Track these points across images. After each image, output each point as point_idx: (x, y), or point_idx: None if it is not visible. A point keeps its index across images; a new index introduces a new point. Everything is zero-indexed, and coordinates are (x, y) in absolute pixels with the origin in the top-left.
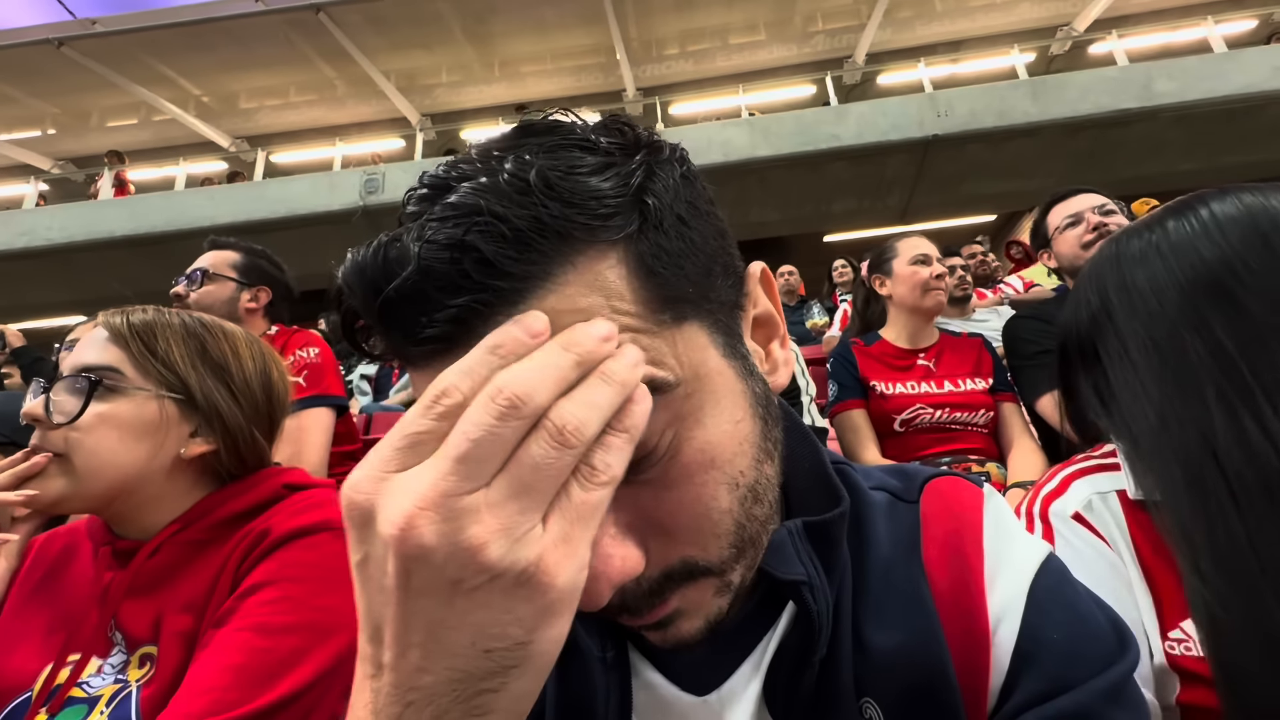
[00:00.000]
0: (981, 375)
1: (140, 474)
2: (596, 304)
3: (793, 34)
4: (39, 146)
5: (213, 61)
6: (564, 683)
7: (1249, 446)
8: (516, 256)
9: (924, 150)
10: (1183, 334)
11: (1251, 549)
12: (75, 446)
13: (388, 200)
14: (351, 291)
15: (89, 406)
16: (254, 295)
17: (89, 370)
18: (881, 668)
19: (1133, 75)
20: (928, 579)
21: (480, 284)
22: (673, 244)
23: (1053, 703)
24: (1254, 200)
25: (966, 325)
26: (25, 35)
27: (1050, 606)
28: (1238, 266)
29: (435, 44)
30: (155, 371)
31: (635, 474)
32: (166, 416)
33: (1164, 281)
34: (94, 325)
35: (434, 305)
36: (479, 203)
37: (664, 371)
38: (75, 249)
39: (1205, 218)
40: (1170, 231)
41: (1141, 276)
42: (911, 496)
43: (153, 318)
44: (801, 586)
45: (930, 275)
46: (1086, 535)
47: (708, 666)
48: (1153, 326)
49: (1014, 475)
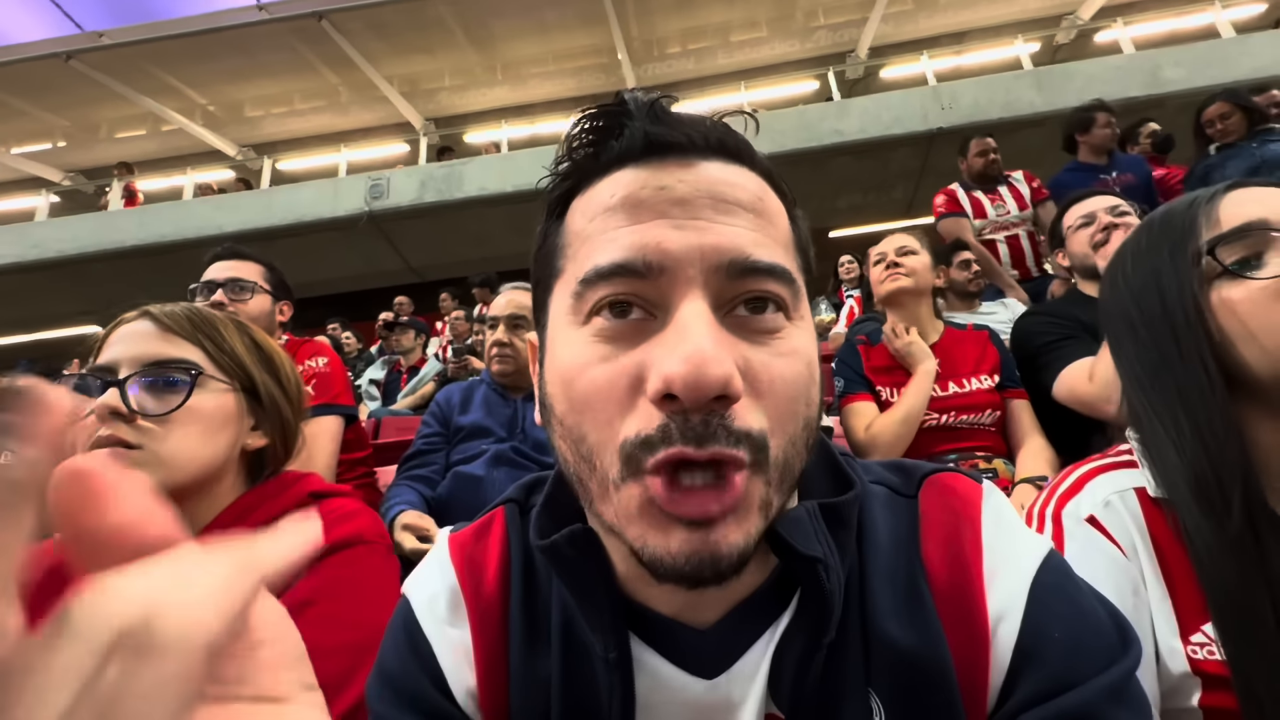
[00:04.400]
0: (987, 371)
1: (218, 466)
2: (773, 199)
3: (794, 30)
4: (49, 159)
5: (218, 71)
6: (568, 683)
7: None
8: (750, 150)
9: (928, 143)
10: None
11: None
12: (160, 439)
13: (393, 205)
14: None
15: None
16: (281, 309)
17: (167, 364)
18: (886, 659)
19: (1139, 63)
20: (926, 574)
21: (734, 138)
22: (802, 232)
23: (1055, 701)
24: (1155, 213)
25: (973, 317)
26: (34, 50)
27: (1052, 603)
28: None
29: (437, 48)
30: (226, 364)
31: (760, 315)
32: (239, 409)
33: (1121, 294)
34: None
35: (689, 122)
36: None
37: (798, 277)
38: (86, 259)
39: (1128, 244)
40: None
41: (1121, 279)
42: (910, 491)
43: (206, 312)
44: (818, 564)
45: (882, 267)
46: (1098, 539)
47: (717, 649)
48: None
49: (1022, 471)
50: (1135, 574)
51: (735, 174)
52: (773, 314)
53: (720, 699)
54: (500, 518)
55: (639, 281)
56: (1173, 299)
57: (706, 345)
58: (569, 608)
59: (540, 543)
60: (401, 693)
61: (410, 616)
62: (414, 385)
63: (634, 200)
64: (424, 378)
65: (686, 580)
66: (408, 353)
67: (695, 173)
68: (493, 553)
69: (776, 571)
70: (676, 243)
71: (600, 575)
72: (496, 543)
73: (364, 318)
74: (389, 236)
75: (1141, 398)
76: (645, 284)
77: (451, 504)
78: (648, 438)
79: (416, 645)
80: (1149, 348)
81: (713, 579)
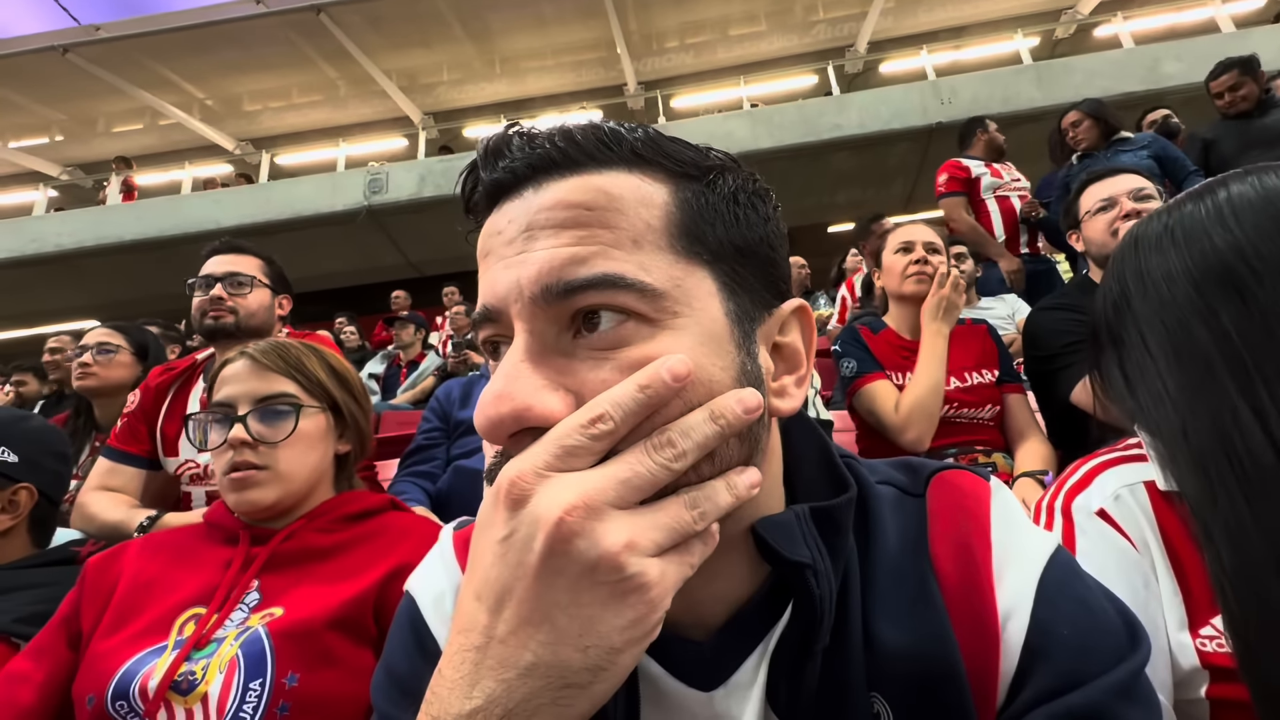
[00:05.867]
0: (988, 366)
1: (321, 472)
2: (628, 190)
3: (793, 24)
4: (47, 153)
5: (216, 64)
6: None
7: (1247, 438)
8: (595, 145)
9: (928, 138)
10: (1191, 322)
11: (1262, 538)
12: (279, 459)
13: (391, 199)
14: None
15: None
16: (281, 302)
17: (273, 398)
18: (889, 662)
19: (1139, 57)
20: (935, 573)
21: (560, 150)
22: (713, 204)
23: (1064, 699)
24: (1275, 182)
25: (971, 312)
26: (31, 43)
27: (1060, 601)
28: (1248, 253)
29: (435, 42)
30: (316, 391)
31: (593, 333)
32: (329, 425)
33: (1176, 269)
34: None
35: (518, 151)
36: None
37: (641, 277)
38: (84, 254)
39: (1220, 201)
40: (1186, 216)
41: (1156, 263)
42: (918, 490)
43: (292, 350)
44: (806, 570)
45: (909, 262)
46: (1109, 532)
47: (714, 661)
48: (1165, 314)
49: (1021, 465)
50: (1146, 567)
51: (564, 189)
52: (615, 326)
53: (719, 711)
54: None
55: (494, 325)
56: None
57: (500, 384)
58: None
59: None
60: (408, 692)
61: (416, 614)
62: (414, 380)
63: (484, 251)
64: (424, 372)
65: None
66: (407, 347)
67: (523, 205)
68: None
69: (770, 579)
70: (502, 284)
71: None
72: None
73: (363, 312)
74: (388, 231)
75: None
76: (499, 325)
77: (453, 498)
78: (490, 467)
79: (423, 643)
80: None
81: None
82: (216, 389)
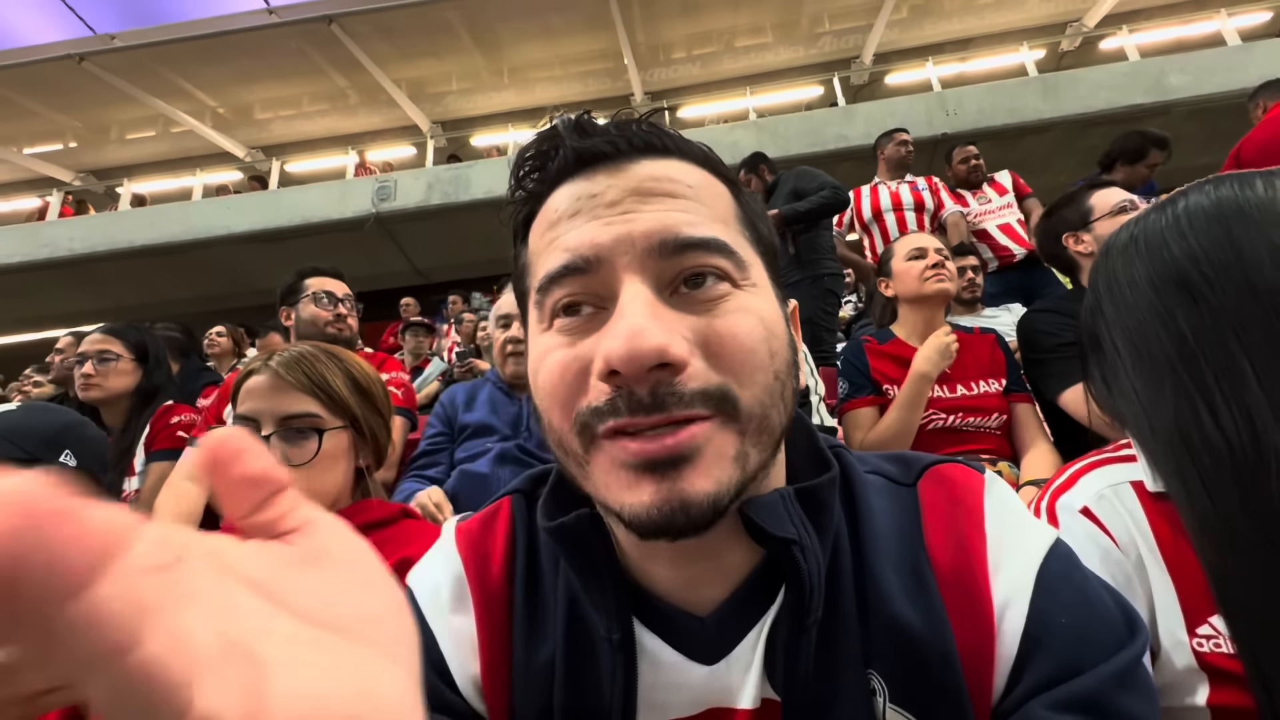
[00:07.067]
0: (995, 375)
1: (340, 491)
2: (708, 182)
3: (800, 36)
4: (61, 159)
5: (228, 73)
6: (571, 669)
7: (1204, 431)
8: (677, 140)
9: (933, 149)
10: (1153, 325)
11: (1221, 526)
12: (304, 480)
13: (400, 207)
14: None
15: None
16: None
17: (296, 418)
18: (884, 640)
19: (1145, 70)
20: (930, 562)
21: (655, 134)
22: (751, 210)
23: (1063, 687)
24: (1228, 192)
25: (978, 321)
26: (47, 52)
27: (1059, 591)
28: (1201, 261)
29: (445, 52)
30: (337, 409)
31: (700, 289)
32: (351, 443)
33: (1139, 275)
34: (254, 370)
35: (613, 130)
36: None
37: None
38: (96, 259)
39: (1179, 211)
40: (1149, 226)
41: (1122, 270)
42: (908, 480)
43: (313, 358)
44: (792, 545)
45: (926, 265)
46: (1092, 529)
47: (716, 636)
48: (1129, 318)
49: (1027, 474)
50: (1128, 567)
51: (663, 167)
52: (714, 285)
53: (720, 684)
54: (507, 507)
55: (582, 278)
56: None
57: (640, 319)
58: (574, 592)
59: (548, 524)
60: None
61: (414, 608)
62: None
63: (570, 211)
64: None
65: (663, 531)
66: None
67: (623, 175)
68: (499, 541)
69: (765, 558)
70: (607, 236)
71: (604, 556)
72: (503, 531)
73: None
74: (396, 238)
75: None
76: (589, 279)
77: (458, 499)
78: (596, 408)
79: (420, 636)
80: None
81: (687, 527)
82: (240, 401)
